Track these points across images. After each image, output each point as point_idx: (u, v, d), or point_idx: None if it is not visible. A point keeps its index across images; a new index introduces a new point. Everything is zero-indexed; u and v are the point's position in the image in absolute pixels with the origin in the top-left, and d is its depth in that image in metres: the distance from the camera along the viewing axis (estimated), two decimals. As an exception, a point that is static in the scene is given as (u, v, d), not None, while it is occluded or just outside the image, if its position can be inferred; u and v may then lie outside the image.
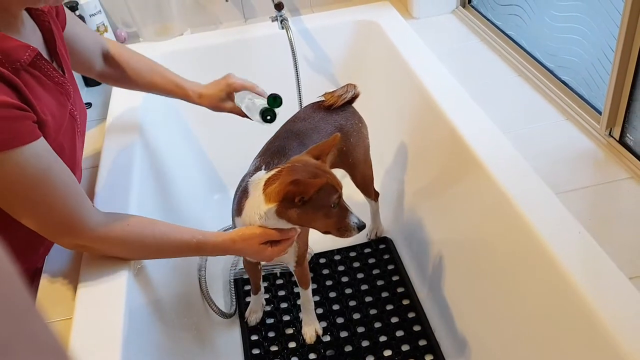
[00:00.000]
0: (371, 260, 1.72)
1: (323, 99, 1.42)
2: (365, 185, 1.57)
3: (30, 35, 0.97)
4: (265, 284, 1.65)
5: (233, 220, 1.21)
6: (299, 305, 1.50)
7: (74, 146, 1.06)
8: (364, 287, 1.64)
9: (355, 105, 1.90)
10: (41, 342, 0.30)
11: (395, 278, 1.66)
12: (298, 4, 2.09)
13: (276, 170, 1.08)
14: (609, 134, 1.27)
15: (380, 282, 1.65)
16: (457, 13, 1.97)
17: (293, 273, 1.40)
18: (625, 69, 1.19)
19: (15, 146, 0.83)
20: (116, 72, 1.31)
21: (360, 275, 1.68)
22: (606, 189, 1.17)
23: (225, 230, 1.59)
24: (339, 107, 1.41)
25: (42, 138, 0.88)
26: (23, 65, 0.90)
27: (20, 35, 0.93)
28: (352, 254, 1.75)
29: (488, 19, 1.82)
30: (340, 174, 1.68)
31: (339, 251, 1.75)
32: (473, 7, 1.93)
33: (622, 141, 1.24)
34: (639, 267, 1.00)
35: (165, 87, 1.35)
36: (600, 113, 1.29)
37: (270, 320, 1.56)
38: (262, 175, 1.10)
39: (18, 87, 0.86)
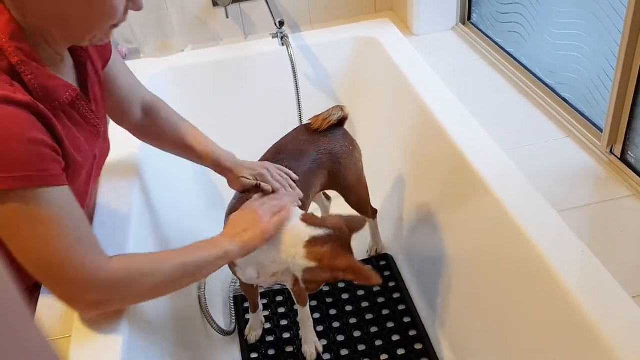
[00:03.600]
0: (372, 277, 1.71)
1: (311, 122, 1.42)
2: (361, 207, 1.55)
3: (69, 71, 0.96)
4: (265, 301, 1.64)
5: None
6: (299, 323, 1.49)
7: (89, 178, 1.04)
8: (365, 304, 1.63)
9: (354, 121, 1.90)
10: (38, 355, 0.29)
11: (396, 295, 1.64)
12: (298, 20, 2.10)
13: (321, 230, 1.06)
14: (610, 151, 1.26)
15: (381, 300, 1.64)
16: (457, 30, 1.98)
17: (290, 291, 1.39)
18: (626, 86, 1.19)
19: (42, 185, 0.81)
20: (152, 129, 1.23)
21: (360, 293, 1.66)
22: (608, 207, 1.17)
23: None
24: (327, 130, 1.39)
25: (67, 187, 0.85)
26: (62, 105, 0.88)
27: (61, 72, 0.92)
28: (353, 270, 1.73)
29: (488, 36, 1.83)
30: (333, 194, 1.68)
31: (339, 268, 1.74)
32: (473, 24, 1.94)
33: (623, 159, 1.24)
34: (642, 286, 1.00)
35: (201, 157, 1.25)
36: (601, 130, 1.29)
37: (270, 338, 1.54)
38: (302, 226, 1.07)
39: (54, 128, 0.84)
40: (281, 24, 1.76)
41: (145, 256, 0.98)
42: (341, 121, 1.43)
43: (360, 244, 1.77)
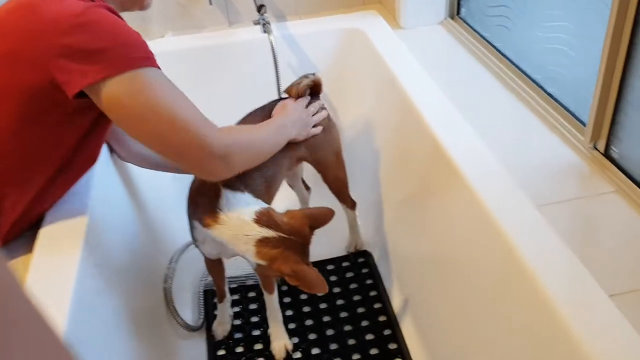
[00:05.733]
0: (349, 274, 1.65)
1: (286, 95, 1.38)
2: (339, 189, 1.51)
3: None
4: (236, 297, 1.58)
5: (192, 224, 1.16)
6: (268, 316, 1.43)
7: None
8: (340, 302, 1.57)
9: (338, 113, 1.86)
10: (41, 344, 0.29)
11: (372, 293, 1.59)
12: (285, 10, 2.05)
13: (274, 232, 1.06)
14: (594, 146, 1.22)
15: (357, 297, 1.58)
16: (445, 24, 1.93)
17: (255, 273, 1.34)
18: (610, 81, 1.14)
19: (155, 65, 0.94)
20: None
21: (336, 290, 1.61)
22: (590, 203, 1.12)
23: None
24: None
25: None
26: None
27: None
28: (330, 267, 1.68)
29: (476, 31, 1.78)
30: (313, 185, 1.63)
31: (315, 264, 1.65)
32: (461, 18, 1.89)
33: (607, 154, 1.19)
34: (621, 283, 0.95)
35: None
36: (585, 125, 1.25)
37: (238, 335, 1.48)
38: (255, 226, 1.07)
39: None
40: (261, 8, 1.71)
41: (243, 126, 1.19)
42: (316, 91, 1.39)
43: (340, 240, 1.72)
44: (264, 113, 1.31)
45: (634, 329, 0.86)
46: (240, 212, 1.07)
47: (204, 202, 1.10)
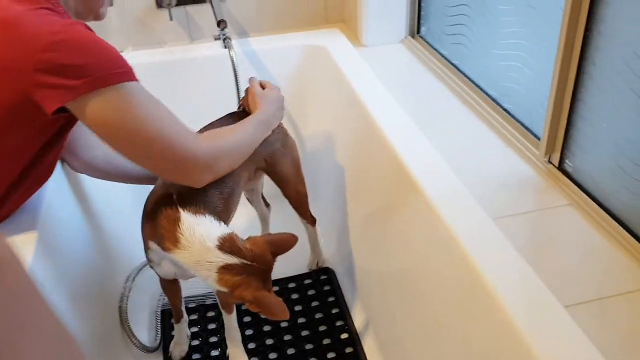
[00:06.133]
0: (311, 292, 1.63)
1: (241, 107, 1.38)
2: (299, 203, 1.49)
3: None
4: (195, 316, 1.54)
5: (148, 244, 1.13)
6: (226, 336, 1.40)
7: None
8: (301, 320, 1.55)
9: (300, 129, 1.85)
10: (45, 329, 0.32)
11: (334, 311, 1.57)
12: (247, 27, 2.05)
13: (237, 259, 1.04)
14: (549, 160, 1.24)
15: (318, 315, 1.56)
16: (405, 42, 1.96)
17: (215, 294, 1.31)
18: (562, 96, 1.17)
19: (134, 79, 0.93)
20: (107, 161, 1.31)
21: (297, 308, 1.58)
22: (545, 216, 1.13)
23: None
24: None
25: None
26: None
27: None
28: (292, 284, 1.66)
29: (435, 49, 1.81)
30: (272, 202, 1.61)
31: (277, 282, 1.66)
32: (421, 37, 1.92)
33: (561, 168, 1.21)
34: (576, 294, 0.96)
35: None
36: (540, 140, 1.27)
37: (196, 356, 1.44)
38: (218, 253, 1.05)
39: None
40: (220, 23, 1.70)
41: (223, 130, 1.15)
42: None
43: (301, 258, 1.70)
44: (222, 123, 1.30)
45: (589, 340, 0.86)
46: (203, 237, 1.05)
47: (163, 225, 1.07)
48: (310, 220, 1.57)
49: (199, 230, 1.05)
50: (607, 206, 1.10)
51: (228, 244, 1.05)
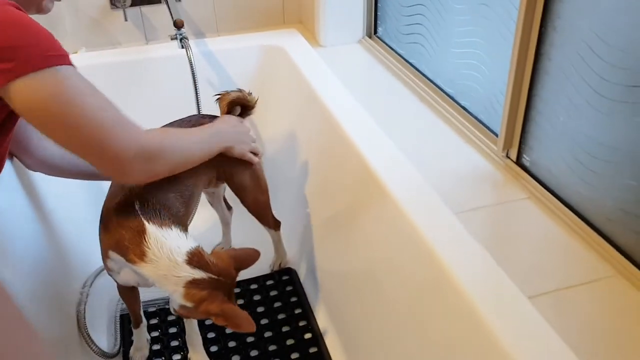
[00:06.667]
0: (273, 293, 1.62)
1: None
2: (259, 212, 1.47)
3: None
4: (155, 320, 1.50)
5: (106, 253, 1.10)
6: (187, 341, 1.37)
7: None
8: (264, 321, 1.53)
9: (261, 130, 1.83)
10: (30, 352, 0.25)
11: (297, 311, 1.56)
12: (204, 28, 2.02)
13: (204, 274, 1.04)
14: (507, 155, 1.26)
15: (281, 316, 1.55)
16: (363, 43, 1.97)
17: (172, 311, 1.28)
18: (519, 92, 1.20)
19: (69, 64, 0.86)
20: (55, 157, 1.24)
21: (260, 309, 1.57)
22: (504, 209, 1.16)
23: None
24: None
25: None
26: None
27: None
28: (254, 286, 1.64)
29: (392, 49, 1.83)
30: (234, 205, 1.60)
31: (239, 283, 1.63)
32: (379, 37, 1.94)
33: (519, 162, 1.24)
34: (537, 285, 0.98)
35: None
36: (497, 136, 1.29)
37: (158, 360, 1.41)
38: (186, 267, 1.03)
39: None
40: (177, 23, 1.67)
41: (173, 129, 1.14)
42: (247, 110, 1.37)
43: (263, 259, 1.67)
44: (182, 126, 1.27)
45: (552, 329, 0.88)
46: (172, 252, 1.03)
47: (126, 237, 1.04)
48: (273, 225, 1.55)
49: (167, 244, 1.03)
50: (565, 198, 1.13)
51: (196, 259, 1.04)
